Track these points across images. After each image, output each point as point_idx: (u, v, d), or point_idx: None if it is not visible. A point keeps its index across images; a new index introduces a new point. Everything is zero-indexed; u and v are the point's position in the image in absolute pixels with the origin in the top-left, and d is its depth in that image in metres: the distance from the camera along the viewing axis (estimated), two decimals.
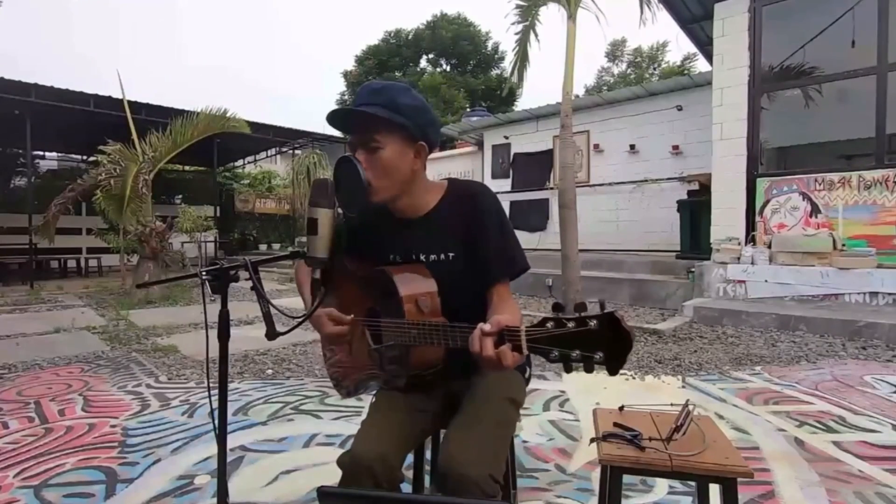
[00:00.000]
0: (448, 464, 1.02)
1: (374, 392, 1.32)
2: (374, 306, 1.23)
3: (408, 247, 1.23)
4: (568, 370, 0.81)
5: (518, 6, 5.43)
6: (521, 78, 5.71)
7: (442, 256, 1.21)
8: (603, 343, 0.77)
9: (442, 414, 1.26)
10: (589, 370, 0.79)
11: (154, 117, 9.27)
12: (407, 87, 1.18)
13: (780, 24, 5.97)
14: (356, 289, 1.27)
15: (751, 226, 5.79)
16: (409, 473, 1.46)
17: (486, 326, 0.90)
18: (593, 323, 0.77)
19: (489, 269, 1.18)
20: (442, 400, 1.27)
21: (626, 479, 1.20)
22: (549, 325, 0.81)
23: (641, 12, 5.38)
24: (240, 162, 16.29)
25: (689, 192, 7.23)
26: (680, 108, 8.47)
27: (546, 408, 2.72)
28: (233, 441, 2.22)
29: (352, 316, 1.20)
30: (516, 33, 5.53)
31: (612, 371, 0.77)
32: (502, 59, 23.73)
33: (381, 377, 1.26)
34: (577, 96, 10.61)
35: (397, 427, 1.16)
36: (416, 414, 1.22)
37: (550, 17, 5.54)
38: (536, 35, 5.49)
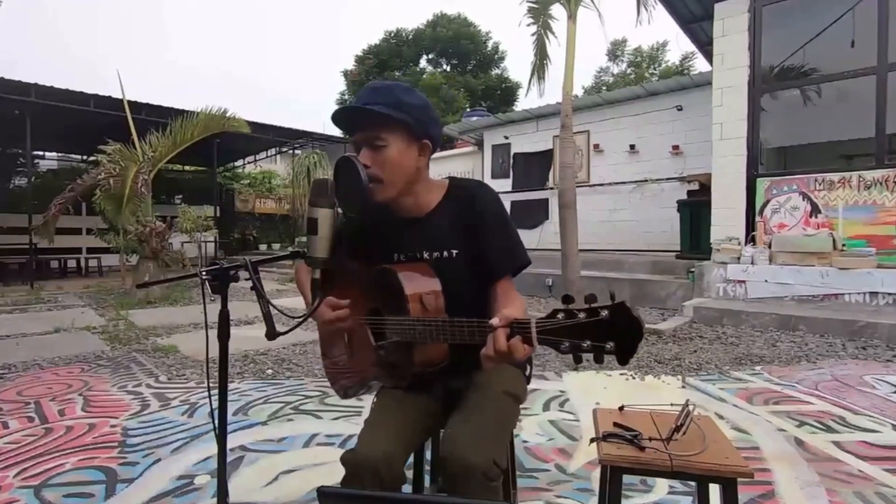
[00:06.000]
0: (450, 450, 1.02)
1: (374, 392, 1.33)
2: (377, 306, 1.23)
3: (411, 245, 1.24)
4: (578, 361, 0.81)
5: (530, 8, 5.47)
6: (541, 77, 5.75)
7: (445, 254, 1.21)
8: (614, 333, 0.77)
9: (444, 413, 1.27)
10: (599, 361, 0.79)
11: (154, 117, 9.27)
12: (409, 86, 1.19)
13: (780, 24, 5.97)
14: (359, 290, 1.27)
15: (751, 226, 5.79)
16: (409, 473, 1.46)
17: (495, 320, 0.89)
18: (604, 313, 0.77)
19: (491, 265, 1.18)
20: (444, 399, 1.27)
21: (626, 479, 1.20)
22: (560, 315, 0.81)
23: (638, 13, 5.40)
24: (240, 162, 16.28)
25: (689, 192, 7.23)
26: (680, 108, 8.46)
27: (546, 408, 2.72)
28: (233, 441, 2.22)
29: (348, 300, 1.20)
30: (533, 34, 5.58)
31: (623, 361, 0.78)
32: (502, 59, 23.75)
33: (382, 377, 1.26)
34: (576, 96, 10.61)
35: (402, 427, 1.16)
36: (420, 414, 1.22)
37: (553, 17, 5.55)
38: (553, 33, 5.53)
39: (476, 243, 1.19)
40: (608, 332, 0.77)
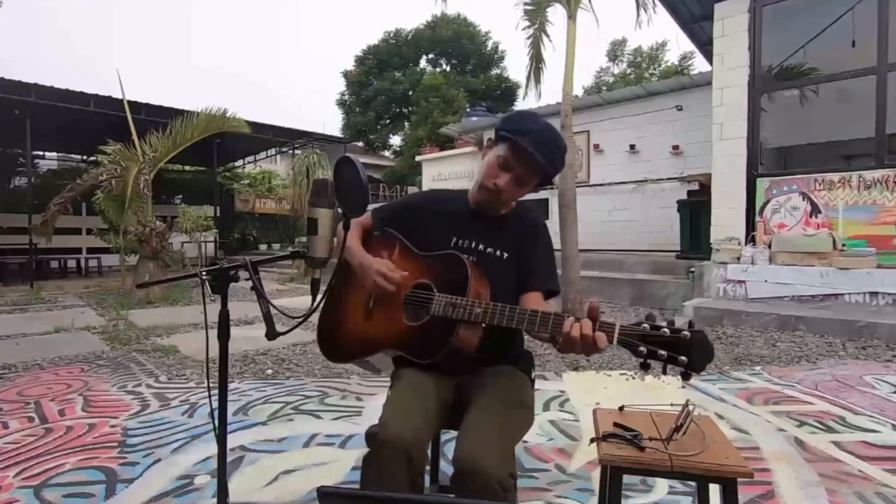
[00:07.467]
0: (469, 464, 1.02)
1: (365, 369, 1.37)
2: (428, 282, 1.28)
3: (472, 235, 1.37)
4: (645, 368, 0.97)
5: (526, 9, 5.46)
6: (538, 80, 5.75)
7: (497, 252, 1.36)
8: (689, 351, 0.93)
9: (451, 407, 1.27)
10: (665, 371, 0.96)
11: (154, 117, 9.26)
12: (565, 146, 1.38)
13: (780, 24, 5.96)
14: (409, 263, 1.34)
15: (751, 226, 5.79)
16: None
17: (587, 310, 1.02)
18: (686, 333, 0.93)
19: (532, 276, 1.34)
20: (454, 393, 1.29)
21: (626, 479, 1.20)
22: (645, 326, 0.96)
23: (638, 15, 5.40)
24: (240, 162, 16.28)
25: (689, 192, 7.23)
26: (680, 108, 8.46)
27: (546, 408, 2.72)
28: (233, 441, 2.22)
29: (405, 273, 1.31)
30: (528, 37, 5.58)
31: (687, 376, 0.94)
32: (502, 58, 23.72)
33: (407, 348, 1.28)
34: (576, 96, 10.60)
35: (427, 409, 1.18)
36: (437, 402, 1.23)
37: (550, 18, 5.55)
38: (548, 35, 5.52)
39: (523, 254, 1.36)
40: (684, 349, 0.93)
